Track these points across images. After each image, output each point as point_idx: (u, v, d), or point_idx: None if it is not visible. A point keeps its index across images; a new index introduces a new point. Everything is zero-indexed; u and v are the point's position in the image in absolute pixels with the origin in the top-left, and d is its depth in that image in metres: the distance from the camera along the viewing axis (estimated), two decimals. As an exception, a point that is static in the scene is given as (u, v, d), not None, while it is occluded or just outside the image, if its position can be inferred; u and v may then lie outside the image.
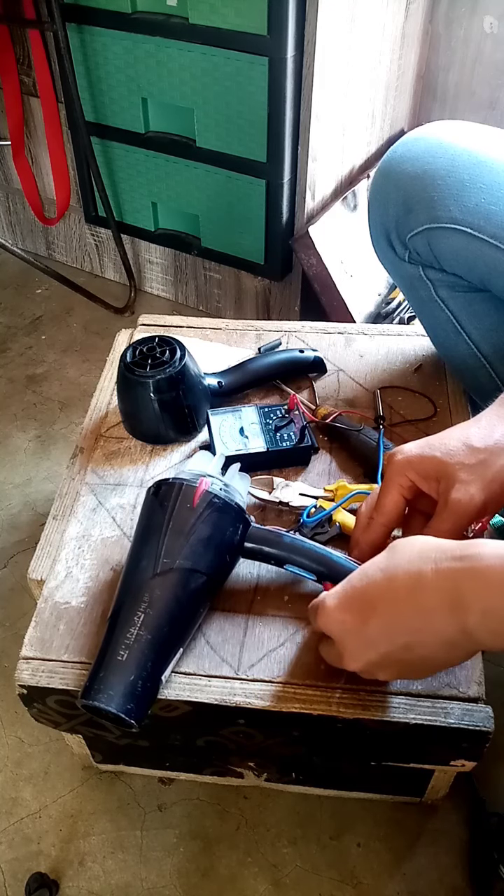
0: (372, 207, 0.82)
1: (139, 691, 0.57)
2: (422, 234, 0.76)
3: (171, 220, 1.40)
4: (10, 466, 1.23)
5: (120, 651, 0.57)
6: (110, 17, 1.17)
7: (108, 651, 0.58)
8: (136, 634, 0.57)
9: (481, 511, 0.58)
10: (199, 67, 1.14)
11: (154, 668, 0.58)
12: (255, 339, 0.93)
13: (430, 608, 0.50)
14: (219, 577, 0.64)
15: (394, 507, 0.61)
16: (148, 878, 0.80)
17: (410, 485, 0.60)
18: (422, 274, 0.80)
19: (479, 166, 0.73)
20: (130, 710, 0.56)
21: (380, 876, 0.80)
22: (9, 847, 0.83)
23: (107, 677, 0.56)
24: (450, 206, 0.73)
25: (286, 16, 1.03)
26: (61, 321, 1.52)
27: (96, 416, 0.85)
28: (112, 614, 0.60)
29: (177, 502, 0.62)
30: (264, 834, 0.83)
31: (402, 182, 0.77)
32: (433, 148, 0.76)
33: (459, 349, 0.84)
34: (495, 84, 1.35)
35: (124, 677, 0.56)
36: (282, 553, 0.64)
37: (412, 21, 1.29)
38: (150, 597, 0.59)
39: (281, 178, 1.19)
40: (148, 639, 0.57)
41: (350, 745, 0.65)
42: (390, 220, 0.78)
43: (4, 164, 1.56)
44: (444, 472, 0.58)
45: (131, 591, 0.60)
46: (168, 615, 0.59)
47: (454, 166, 0.73)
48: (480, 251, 0.73)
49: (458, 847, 0.81)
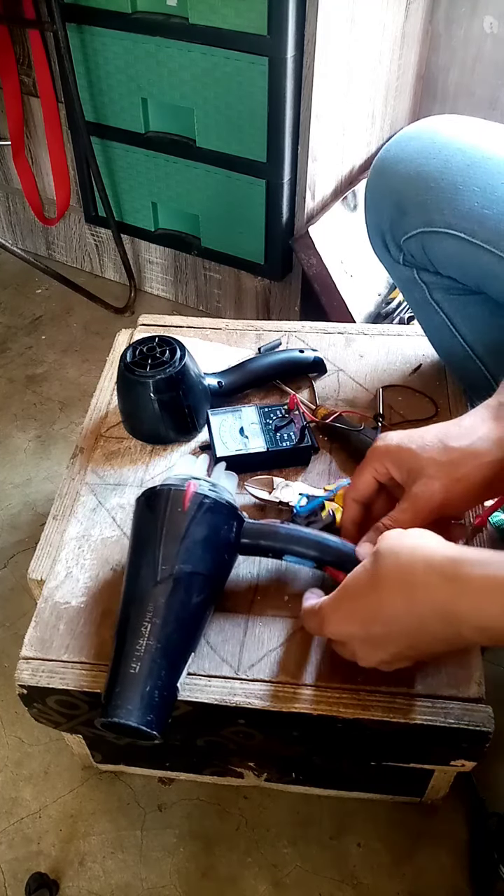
0: (367, 208, 0.81)
1: (157, 701, 0.56)
2: (416, 238, 0.75)
3: (171, 220, 1.40)
4: (10, 466, 1.23)
5: (132, 664, 0.56)
6: (110, 17, 1.17)
7: (119, 666, 0.57)
8: (146, 645, 0.57)
9: (441, 508, 0.59)
10: (199, 67, 1.14)
11: (168, 676, 0.57)
12: (255, 339, 0.93)
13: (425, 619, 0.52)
14: (220, 577, 0.64)
15: (365, 486, 0.64)
16: (148, 878, 0.80)
17: (385, 471, 0.63)
18: (416, 276, 0.80)
19: (472, 168, 0.72)
20: (150, 721, 0.55)
21: (380, 876, 0.80)
22: (9, 847, 0.83)
23: (122, 692, 0.55)
24: (443, 209, 0.72)
25: (286, 16, 1.03)
26: (61, 321, 1.52)
27: (96, 416, 0.85)
28: (118, 629, 0.59)
29: (167, 508, 0.62)
30: (264, 834, 0.83)
31: (396, 184, 0.76)
32: (426, 148, 0.75)
33: (455, 350, 0.83)
34: (495, 84, 1.35)
35: (140, 689, 0.55)
36: (278, 544, 0.64)
37: (412, 21, 1.29)
38: (154, 606, 0.58)
39: (281, 178, 1.19)
40: (158, 647, 0.57)
41: (350, 745, 0.65)
42: (385, 222, 0.78)
43: (4, 164, 1.56)
44: (414, 465, 0.60)
45: (134, 603, 0.59)
46: (175, 621, 0.58)
47: (447, 168, 0.73)
48: (474, 255, 0.72)
49: (458, 847, 0.81)
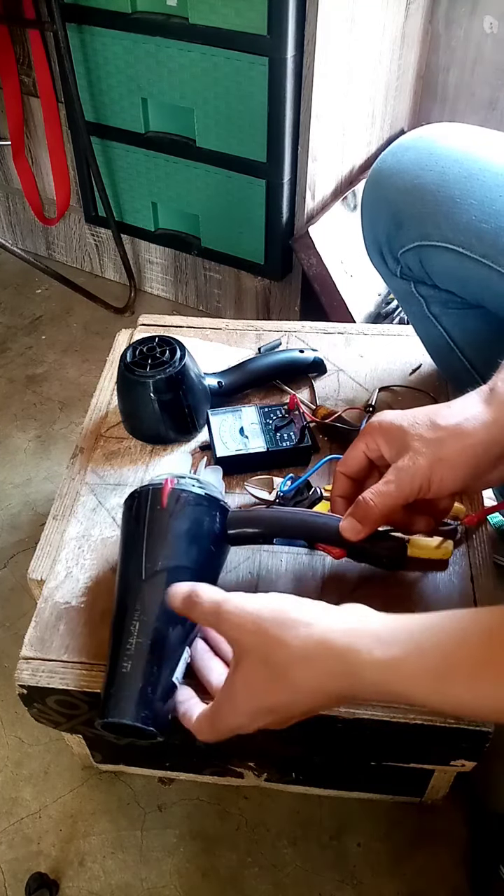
0: (364, 219, 0.80)
1: (151, 697, 0.56)
2: (413, 251, 0.74)
3: (171, 220, 1.40)
4: (10, 466, 1.23)
5: (123, 663, 0.56)
6: (110, 17, 1.17)
7: (113, 666, 0.57)
8: (136, 643, 0.57)
9: (425, 485, 0.59)
10: (199, 67, 1.14)
11: (162, 673, 0.57)
12: (255, 339, 0.93)
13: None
14: (208, 570, 0.63)
15: (355, 461, 0.64)
16: (148, 878, 0.80)
17: (376, 447, 0.63)
18: (413, 290, 0.79)
19: (470, 180, 0.71)
20: (146, 717, 0.55)
21: (380, 876, 0.80)
22: (9, 847, 0.83)
23: (117, 692, 0.56)
24: (440, 223, 0.71)
25: (286, 16, 1.03)
26: (61, 321, 1.52)
27: (96, 416, 0.85)
28: (111, 630, 0.60)
29: (148, 507, 0.62)
30: (264, 834, 0.83)
31: (392, 196, 0.75)
32: (423, 159, 0.73)
33: (453, 364, 0.83)
34: (495, 84, 1.35)
35: (133, 687, 0.56)
36: (264, 529, 0.64)
37: (412, 21, 1.29)
38: (141, 604, 0.58)
39: (281, 178, 1.19)
40: (148, 644, 0.57)
41: (350, 745, 0.65)
42: (381, 234, 0.77)
43: (4, 164, 1.56)
44: (402, 441, 0.60)
45: (123, 603, 0.60)
46: (163, 617, 0.58)
47: (444, 181, 0.71)
48: (472, 270, 0.71)
49: (458, 847, 0.81)
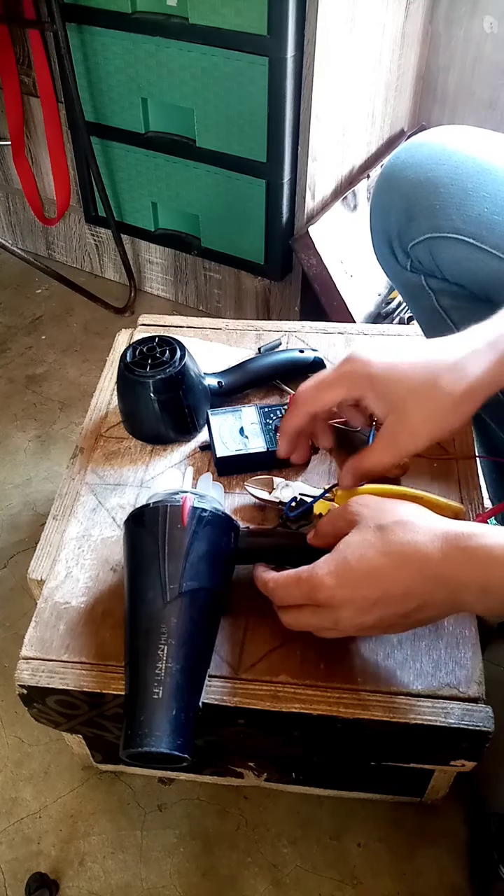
0: (373, 214, 0.80)
1: (183, 724, 0.54)
2: (424, 244, 0.75)
3: (171, 220, 1.40)
4: (10, 466, 1.23)
5: (154, 690, 0.54)
6: (110, 17, 1.17)
7: (139, 693, 0.55)
8: (166, 668, 0.55)
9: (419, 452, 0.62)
10: (199, 67, 1.14)
11: (191, 697, 0.56)
12: (255, 339, 0.93)
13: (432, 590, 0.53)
14: (226, 589, 0.63)
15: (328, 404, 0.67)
16: (148, 878, 0.80)
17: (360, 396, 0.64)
18: (424, 283, 0.79)
19: (483, 174, 0.72)
20: (181, 745, 0.53)
21: (380, 876, 0.80)
22: (9, 847, 0.83)
23: (148, 720, 0.53)
24: (452, 215, 0.72)
25: (286, 16, 1.03)
26: (61, 321, 1.52)
27: (96, 416, 0.85)
28: (129, 657, 0.58)
29: (166, 525, 0.60)
30: (264, 834, 0.83)
31: (405, 189, 0.75)
32: (436, 154, 0.75)
33: None
34: (495, 84, 1.35)
35: (166, 714, 0.53)
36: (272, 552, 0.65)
37: (412, 21, 1.29)
38: (167, 627, 0.56)
39: (281, 178, 1.19)
40: (178, 669, 0.55)
41: (350, 745, 0.65)
42: (392, 227, 0.77)
43: (4, 164, 1.56)
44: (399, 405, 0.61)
45: (145, 626, 0.57)
46: (191, 640, 0.57)
47: (458, 174, 0.72)
48: (483, 262, 0.71)
49: (458, 847, 0.81)
